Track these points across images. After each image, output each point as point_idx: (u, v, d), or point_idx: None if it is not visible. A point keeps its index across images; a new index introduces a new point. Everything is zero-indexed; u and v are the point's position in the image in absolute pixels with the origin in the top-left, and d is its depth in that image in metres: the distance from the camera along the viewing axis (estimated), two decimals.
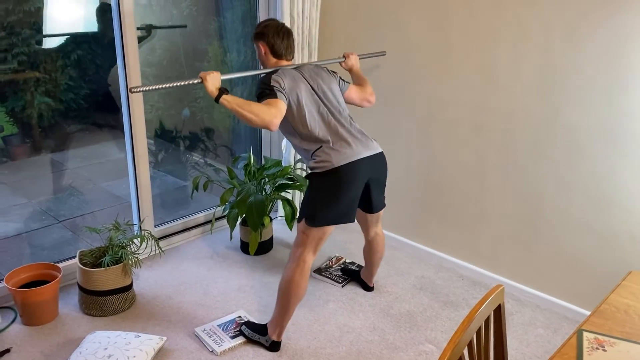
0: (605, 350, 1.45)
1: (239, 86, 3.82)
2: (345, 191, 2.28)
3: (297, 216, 2.42)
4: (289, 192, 3.62)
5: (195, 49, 3.62)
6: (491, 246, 3.02)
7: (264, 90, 2.28)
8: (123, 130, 3.06)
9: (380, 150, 2.42)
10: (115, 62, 2.93)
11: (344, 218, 2.33)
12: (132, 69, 2.88)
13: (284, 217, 3.32)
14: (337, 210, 2.30)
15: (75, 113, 3.26)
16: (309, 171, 2.36)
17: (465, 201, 3.06)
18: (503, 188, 2.89)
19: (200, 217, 3.56)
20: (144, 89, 2.10)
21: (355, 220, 2.56)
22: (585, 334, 1.52)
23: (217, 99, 2.16)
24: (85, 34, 3.13)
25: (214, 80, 2.17)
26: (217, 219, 3.57)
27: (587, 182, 2.58)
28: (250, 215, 3.01)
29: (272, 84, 2.28)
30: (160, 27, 3.39)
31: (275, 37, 2.45)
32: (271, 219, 3.35)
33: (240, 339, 2.51)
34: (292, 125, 2.36)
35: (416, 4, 2.99)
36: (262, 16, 3.53)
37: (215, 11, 3.68)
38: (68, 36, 3.08)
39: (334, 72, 2.59)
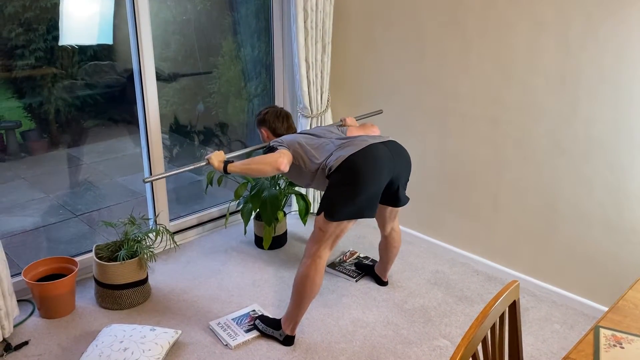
0: (622, 348, 1.43)
1: (253, 80, 3.82)
2: (364, 182, 2.24)
3: (317, 210, 2.43)
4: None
5: (209, 44, 3.62)
6: (507, 241, 2.99)
7: (267, 153, 2.47)
8: (138, 125, 3.08)
9: (391, 138, 2.44)
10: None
11: (365, 212, 2.30)
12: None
13: (297, 212, 3.33)
14: (358, 203, 2.27)
15: (91, 108, 3.29)
16: (328, 173, 2.36)
17: (481, 196, 3.03)
18: (520, 183, 2.85)
19: (215, 211, 3.57)
20: (156, 178, 2.34)
21: None
22: (602, 330, 1.50)
23: (225, 171, 2.40)
24: (101, 45, 3.15)
25: (218, 157, 2.43)
26: (232, 213, 3.59)
27: (605, 177, 2.54)
28: (264, 209, 3.02)
29: (272, 144, 2.49)
30: (185, 75, 3.50)
31: (275, 121, 2.70)
32: (285, 214, 3.36)
33: (255, 333, 2.52)
34: (304, 165, 2.42)
35: None
36: (276, 11, 3.52)
37: (229, 6, 3.68)
38: (83, 39, 3.10)
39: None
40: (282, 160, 2.31)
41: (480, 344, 1.39)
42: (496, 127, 2.87)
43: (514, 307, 1.53)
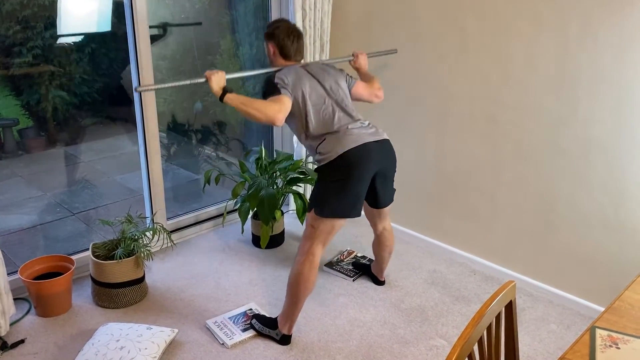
0: (618, 348, 1.43)
1: (250, 80, 3.82)
2: (353, 178, 2.25)
3: (307, 207, 2.42)
4: (300, 186, 3.61)
5: (207, 43, 3.62)
6: (504, 241, 2.99)
7: (268, 89, 2.32)
8: (136, 124, 3.08)
9: (386, 137, 2.40)
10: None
11: (351, 211, 2.31)
12: (144, 69, 2.89)
13: (295, 211, 3.32)
14: (345, 201, 2.28)
15: (89, 106, 3.28)
16: (317, 165, 2.35)
17: (479, 196, 3.03)
18: (517, 182, 2.85)
19: (212, 210, 3.57)
20: (149, 88, 2.17)
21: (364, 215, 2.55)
22: (598, 331, 1.50)
23: (221, 98, 2.22)
24: (99, 33, 3.14)
25: (218, 80, 2.23)
26: (229, 212, 3.59)
27: (603, 177, 2.54)
28: (261, 208, 3.01)
29: (275, 81, 2.32)
30: (174, 25, 3.40)
31: (285, 38, 2.48)
32: (282, 213, 3.36)
33: (251, 332, 2.52)
34: (298, 121, 2.37)
35: None
36: (274, 10, 3.52)
37: (227, 4, 3.68)
38: (82, 33, 3.10)
39: (341, 69, 2.59)
40: (280, 116, 2.21)
41: (477, 344, 1.39)
42: (495, 127, 2.87)
43: (510, 307, 1.53)
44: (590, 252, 2.66)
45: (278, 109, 2.22)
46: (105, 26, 3.16)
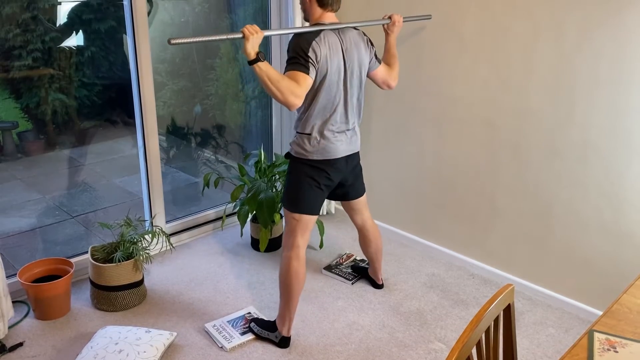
0: (616, 352, 1.43)
1: (250, 83, 3.83)
2: (322, 180, 2.38)
3: (281, 201, 2.50)
4: None
5: (207, 46, 3.62)
6: (503, 245, 2.99)
7: (299, 58, 2.16)
8: (136, 127, 3.08)
9: (358, 149, 2.50)
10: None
11: (313, 209, 2.41)
12: (144, 70, 2.89)
13: None
14: (309, 198, 2.38)
15: (88, 109, 3.29)
16: (289, 147, 2.42)
17: (477, 199, 3.04)
18: (516, 187, 2.86)
19: (211, 213, 3.57)
20: (183, 41, 1.97)
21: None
22: (596, 334, 1.50)
23: (251, 62, 2.05)
24: (98, 36, 3.15)
25: (255, 41, 2.03)
26: (228, 215, 3.59)
27: (600, 181, 2.55)
28: (260, 212, 3.02)
29: (309, 53, 2.16)
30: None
31: None
32: (282, 216, 3.36)
33: (250, 336, 2.52)
34: (306, 103, 2.30)
35: (429, 0, 2.97)
36: (274, 13, 3.53)
37: (227, 8, 3.69)
38: (82, 33, 3.10)
39: (372, 45, 2.47)
40: (298, 103, 2.11)
41: (475, 347, 1.39)
42: (492, 131, 2.88)
43: (508, 311, 1.53)
44: (588, 256, 2.67)
45: (299, 96, 2.10)
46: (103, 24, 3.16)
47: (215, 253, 3.29)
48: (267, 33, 2.10)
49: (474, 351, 1.36)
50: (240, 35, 2.03)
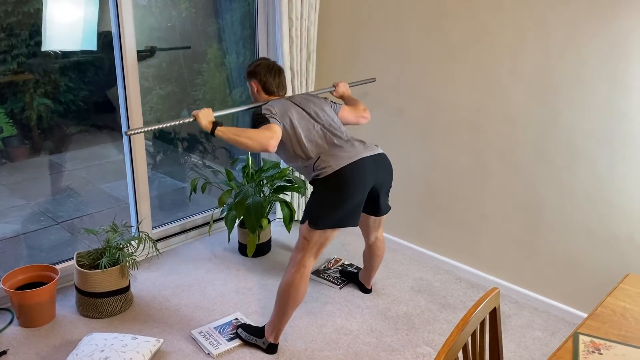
0: (601, 354, 1.44)
1: (238, 88, 3.82)
2: (349, 193, 2.26)
3: (301, 219, 2.43)
4: (287, 194, 3.61)
5: (194, 51, 3.62)
6: (490, 249, 3.01)
7: (256, 120, 2.34)
8: (121, 132, 3.06)
9: (381, 151, 2.44)
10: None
11: (348, 221, 2.32)
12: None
13: (282, 219, 3.32)
14: (342, 212, 2.28)
15: (74, 114, 3.26)
16: (312, 179, 2.37)
17: (465, 204, 3.06)
18: (503, 191, 2.88)
19: (198, 219, 3.56)
20: (138, 130, 2.21)
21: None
22: (581, 337, 1.52)
23: (212, 132, 2.25)
24: (84, 51, 3.13)
25: (206, 116, 2.28)
26: (215, 221, 3.57)
27: (586, 185, 2.57)
28: (248, 217, 3.01)
29: (263, 112, 2.35)
30: (164, 49, 3.41)
31: (267, 75, 2.56)
32: (269, 221, 3.35)
33: (237, 342, 2.50)
34: (291, 149, 2.39)
35: (416, 5, 2.99)
36: (261, 19, 3.53)
37: (214, 13, 3.68)
38: (66, 45, 3.08)
39: (325, 97, 2.67)
40: (272, 142, 2.24)
41: (461, 350, 1.39)
42: (480, 136, 2.90)
43: (494, 314, 1.54)
44: (574, 259, 2.69)
45: (270, 135, 2.24)
46: (91, 44, 3.15)
47: (202, 259, 3.27)
48: (216, 113, 2.35)
49: (460, 355, 1.36)
50: (191, 119, 2.30)
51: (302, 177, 3.46)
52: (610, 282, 2.59)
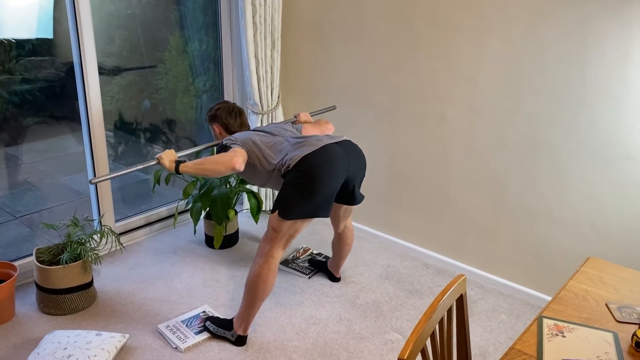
0: (564, 337, 1.47)
1: (201, 76, 3.75)
2: (321, 183, 2.23)
3: (271, 209, 2.41)
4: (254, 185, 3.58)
5: (155, 39, 3.52)
6: (455, 235, 3.05)
7: (219, 151, 2.41)
8: (80, 122, 2.97)
9: (346, 138, 2.43)
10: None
11: (319, 212, 2.29)
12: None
13: (249, 210, 3.29)
14: (313, 203, 2.25)
15: (30, 105, 3.14)
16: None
17: (430, 191, 3.08)
18: (467, 178, 2.91)
19: (163, 211, 3.49)
20: (103, 178, 2.22)
21: None
22: (545, 320, 1.55)
23: (177, 171, 2.31)
24: (40, 39, 3.01)
25: (168, 156, 2.34)
26: (180, 213, 3.51)
27: (547, 172, 2.62)
28: (214, 208, 2.96)
29: (225, 143, 2.42)
30: (128, 69, 3.34)
31: (228, 117, 2.66)
32: (236, 212, 3.31)
33: (205, 335, 2.47)
34: (260, 166, 2.36)
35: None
36: (224, 6, 3.46)
37: (175, 0, 3.59)
38: (21, 33, 2.96)
39: (286, 121, 2.72)
40: (237, 159, 2.25)
41: (429, 337, 1.40)
42: (444, 124, 2.92)
43: (461, 301, 1.55)
44: (537, 244, 2.75)
45: (233, 155, 2.27)
46: (47, 32, 3.02)
47: (167, 252, 3.21)
48: (179, 153, 2.42)
49: (428, 342, 1.37)
50: (155, 162, 2.36)
51: None
52: (573, 266, 2.66)
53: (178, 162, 2.32)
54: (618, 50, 2.30)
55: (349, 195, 2.49)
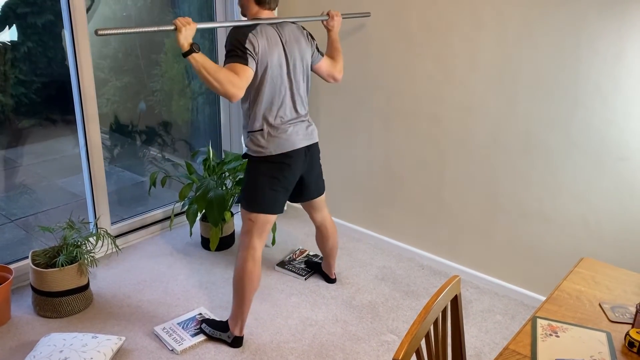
0: (558, 337, 1.48)
1: (197, 78, 3.75)
2: (283, 177, 2.33)
3: (239, 201, 2.44)
4: None
5: (151, 41, 3.53)
6: (450, 236, 3.06)
7: (236, 51, 2.12)
8: (76, 125, 2.97)
9: (316, 140, 2.47)
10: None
11: (274, 208, 2.37)
12: (84, 67, 2.79)
13: None
14: (274, 197, 2.34)
15: (26, 108, 3.14)
16: (245, 148, 2.37)
17: (425, 192, 3.09)
18: (462, 179, 2.93)
19: (159, 213, 3.49)
20: (111, 32, 1.88)
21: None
22: (539, 320, 1.56)
23: (186, 54, 1.99)
24: (32, 30, 3.01)
25: (188, 32, 1.98)
26: (176, 215, 3.52)
27: (541, 172, 2.64)
28: (210, 210, 2.97)
29: (246, 45, 2.12)
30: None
31: None
32: (232, 214, 3.32)
33: (201, 337, 2.48)
34: (248, 89, 2.24)
35: None
36: (219, 9, 3.47)
37: (170, 2, 3.60)
38: (17, 28, 2.96)
39: (312, 38, 2.46)
40: (239, 94, 2.06)
41: (424, 338, 1.41)
42: (438, 125, 2.93)
43: (455, 302, 1.56)
44: (531, 244, 2.76)
45: (239, 86, 2.06)
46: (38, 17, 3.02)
47: (164, 254, 3.21)
48: (200, 25, 2.04)
49: (423, 342, 1.38)
50: (172, 27, 1.97)
51: None
52: (566, 266, 2.67)
53: (191, 49, 1.99)
54: (610, 49, 2.31)
55: (305, 190, 2.54)
